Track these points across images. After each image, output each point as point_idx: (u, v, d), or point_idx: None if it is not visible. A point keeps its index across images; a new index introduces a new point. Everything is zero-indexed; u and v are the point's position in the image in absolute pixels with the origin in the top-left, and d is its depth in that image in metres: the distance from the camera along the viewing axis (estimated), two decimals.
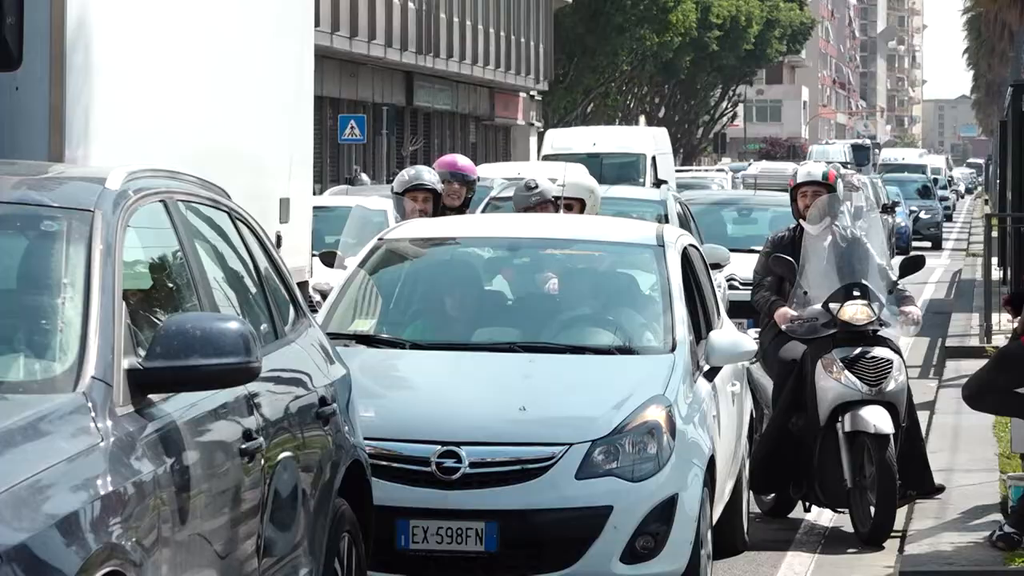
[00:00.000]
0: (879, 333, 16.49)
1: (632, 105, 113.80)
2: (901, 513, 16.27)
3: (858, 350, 16.21)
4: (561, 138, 57.56)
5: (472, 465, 12.16)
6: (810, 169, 18.85)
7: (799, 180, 18.10)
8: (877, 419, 15.73)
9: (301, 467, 9.26)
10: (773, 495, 17.21)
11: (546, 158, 50.74)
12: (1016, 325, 15.93)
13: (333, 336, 13.29)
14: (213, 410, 8.17)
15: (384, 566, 11.84)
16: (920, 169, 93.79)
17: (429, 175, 18.84)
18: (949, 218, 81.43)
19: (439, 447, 12.20)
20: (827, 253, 16.66)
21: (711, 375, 13.93)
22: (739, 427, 15.41)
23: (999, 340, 26.77)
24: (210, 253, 9.26)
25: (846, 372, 16.10)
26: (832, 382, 16.10)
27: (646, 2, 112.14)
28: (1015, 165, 34.06)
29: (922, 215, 70.65)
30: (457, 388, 13.31)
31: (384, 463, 12.00)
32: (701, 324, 14.45)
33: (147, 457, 7.27)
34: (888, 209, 55.48)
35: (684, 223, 26.68)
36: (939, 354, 30.03)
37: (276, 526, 8.78)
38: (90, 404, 7.10)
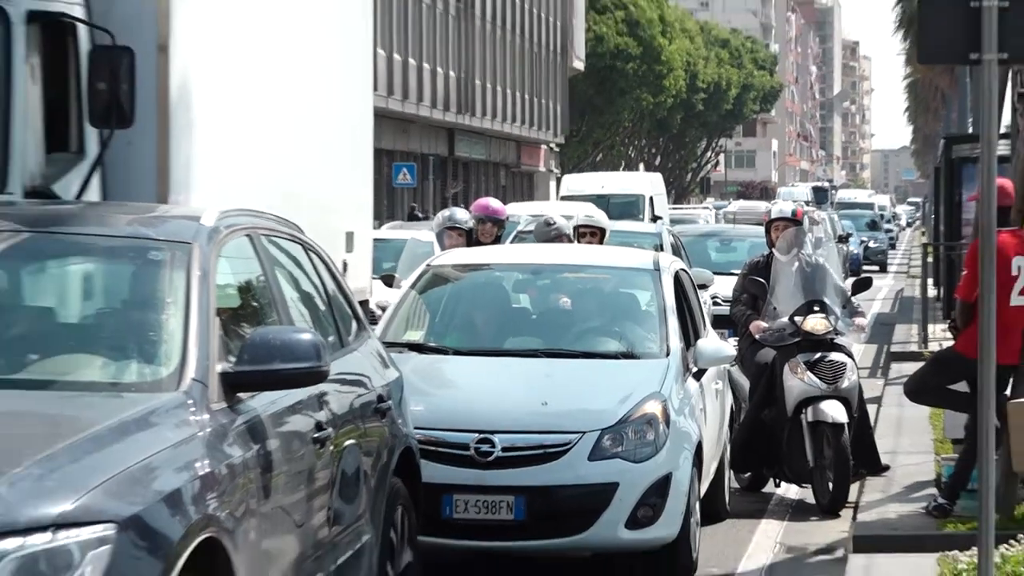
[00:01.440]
0: (835, 341, 16.55)
1: (633, 155, 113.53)
2: (854, 488, 16.25)
3: (818, 355, 16.28)
4: (575, 182, 57.37)
5: (504, 449, 12.35)
6: (782, 207, 18.98)
7: (773, 216, 18.21)
8: (834, 411, 15.95)
9: (363, 452, 9.42)
10: (749, 473, 17.29)
11: (563, 199, 50.55)
12: (951, 339, 16.09)
13: (389, 344, 13.58)
14: (290, 406, 8.36)
15: (432, 533, 11.90)
16: (869, 207, 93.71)
17: (461, 215, 19.04)
18: (893, 246, 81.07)
19: (477, 435, 12.39)
20: (794, 276, 16.77)
21: (699, 375, 14.14)
22: (722, 418, 15.61)
23: (934, 346, 26.72)
24: (287, 278, 9.49)
25: (808, 373, 16.17)
26: (797, 381, 16.20)
27: (644, 69, 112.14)
28: (946, 203, 34.26)
29: (871, 244, 70.74)
30: (491, 386, 13.47)
31: (432, 448, 12.16)
32: (690, 334, 14.55)
33: (237, 444, 7.54)
34: (843, 239, 55.47)
35: (676, 251, 26.72)
36: (885, 358, 29.92)
37: (343, 500, 8.95)
38: (190, 401, 7.41)
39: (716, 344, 14.95)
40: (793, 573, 14.26)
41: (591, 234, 19.77)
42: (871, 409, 18.22)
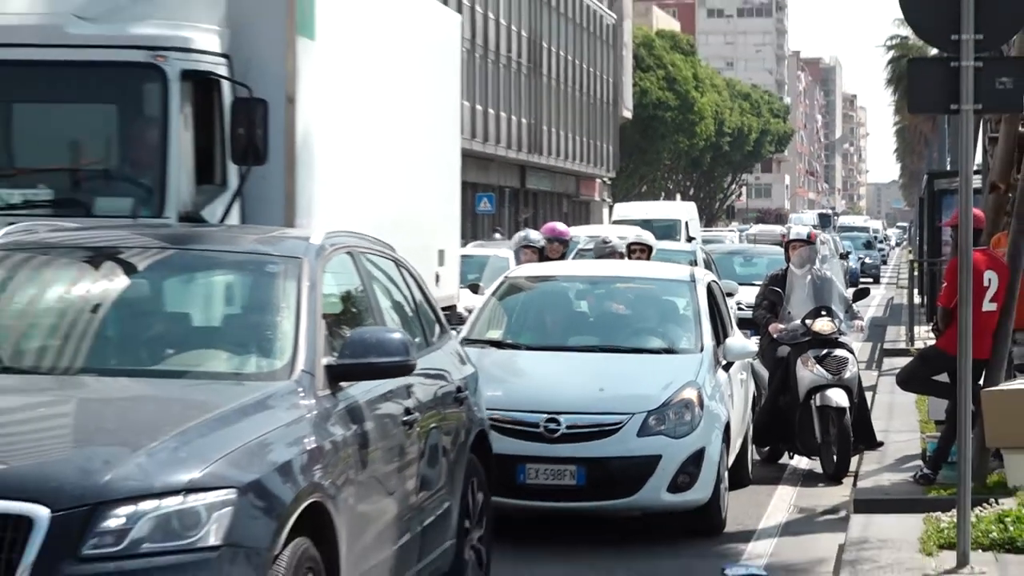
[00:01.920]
0: (839, 339, 16.60)
1: (671, 187, 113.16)
2: (854, 460, 16.19)
3: (825, 351, 16.31)
4: (624, 209, 57.14)
5: (567, 427, 12.60)
6: (798, 231, 19.13)
7: (791, 238, 18.43)
8: (838, 397, 16.05)
9: (444, 433, 9.56)
10: (768, 448, 17.30)
11: (615, 223, 50.28)
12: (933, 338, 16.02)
13: (474, 341, 14.28)
14: (384, 394, 8.51)
15: (508, 495, 12.28)
16: (865, 230, 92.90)
17: (535, 235, 19.28)
18: (885, 262, 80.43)
19: (545, 415, 12.66)
20: (807, 287, 16.84)
21: (727, 368, 14.32)
22: (746, 402, 15.68)
23: (919, 344, 26.52)
24: (381, 288, 9.70)
25: (817, 366, 16.21)
26: (807, 372, 16.22)
27: (680, 118, 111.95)
28: (928, 227, 34.39)
29: (866, 260, 70.32)
30: (556, 375, 13.71)
31: (509, 426, 12.52)
32: (720, 333, 14.67)
33: (338, 424, 7.77)
34: (844, 256, 55.27)
35: (707, 266, 26.66)
36: (878, 353, 29.70)
37: (428, 473, 9.12)
38: (300, 388, 7.66)
39: (741, 342, 14.97)
40: (805, 530, 14.13)
41: (640, 251, 20.14)
42: (868, 396, 18.11)
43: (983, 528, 11.45)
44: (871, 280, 65.82)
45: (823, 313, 16.50)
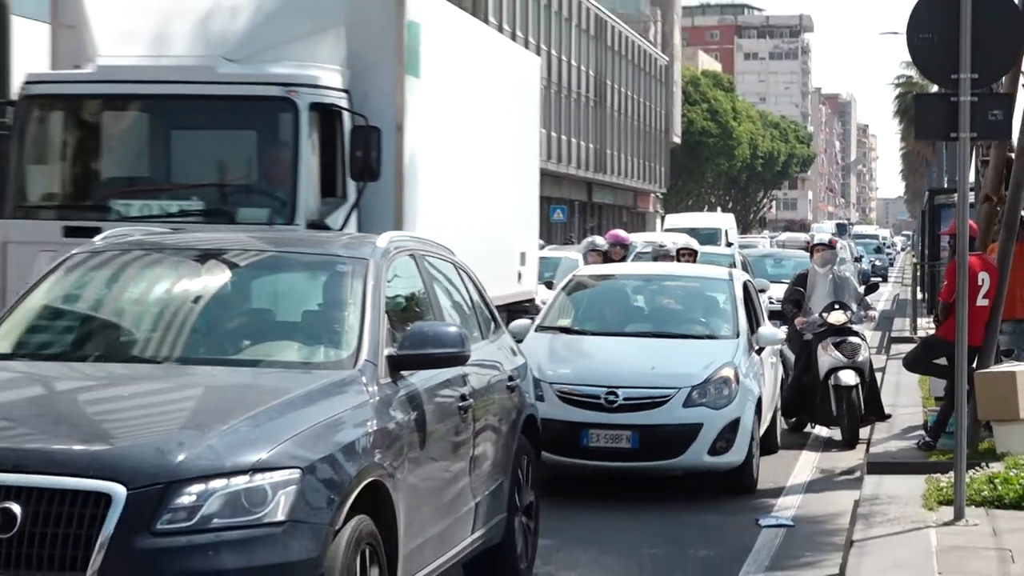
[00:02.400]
0: (852, 328, 16.60)
1: (713, 200, 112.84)
2: (867, 430, 16.15)
3: (841, 338, 16.32)
4: (675, 219, 56.80)
5: (624, 399, 12.76)
6: (821, 236, 19.46)
7: (815, 243, 18.40)
8: (847, 378, 16.05)
9: (496, 417, 9.25)
10: (794, 419, 17.30)
11: (666, 231, 50.14)
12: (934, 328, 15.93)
13: (546, 328, 14.61)
14: (441, 382, 8.18)
15: (574, 456, 12.73)
16: (875, 237, 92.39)
17: (600, 241, 19.38)
18: (892, 264, 79.88)
19: (606, 388, 12.82)
20: (827, 284, 16.88)
21: (759, 352, 14.44)
22: (775, 381, 15.71)
23: (921, 333, 26.36)
24: (441, 287, 9.34)
25: (834, 350, 16.21)
26: (827, 356, 16.19)
27: (721, 144, 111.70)
28: (929, 235, 34.32)
29: (876, 263, 69.87)
30: (615, 356, 13.82)
31: (576, 397, 12.84)
32: (754, 323, 14.79)
33: (399, 409, 7.45)
34: (857, 259, 55.23)
35: (744, 267, 26.66)
36: (887, 341, 29.56)
37: (483, 452, 8.82)
38: (363, 376, 7.33)
39: (771, 330, 15.11)
40: (825, 488, 14.09)
41: (688, 255, 20.39)
42: (878, 376, 18.02)
43: (976, 487, 11.38)
44: (880, 279, 65.40)
45: (836, 307, 16.44)
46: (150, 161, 14.44)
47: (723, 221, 52.63)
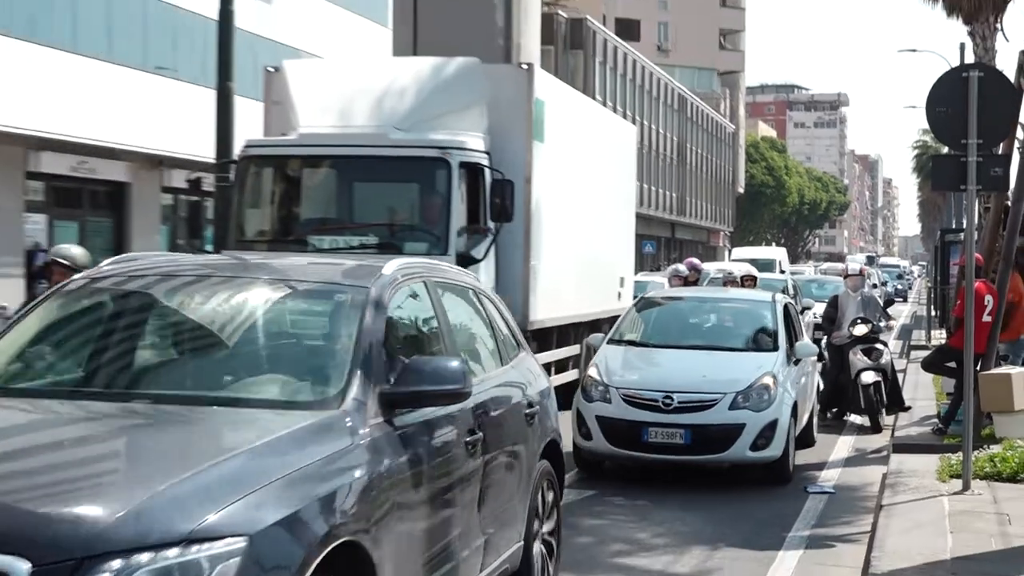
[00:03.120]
0: (877, 337, 16.54)
1: (769, 238, 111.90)
2: (891, 419, 16.03)
3: (867, 346, 16.18)
4: (739, 252, 56.36)
5: (679, 402, 12.11)
6: (853, 267, 18.87)
7: (848, 272, 18.23)
8: (871, 377, 15.90)
9: (512, 446, 7.20)
10: (835, 410, 17.01)
11: (732, 261, 49.78)
12: (945, 338, 15.80)
13: (617, 341, 13.87)
14: (444, 416, 6.14)
15: (637, 450, 12.17)
16: (897, 266, 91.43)
17: (682, 268, 19.06)
18: (910, 288, 78.71)
19: (663, 393, 12.18)
20: (858, 304, 16.88)
21: (797, 363, 13.61)
22: (812, 387, 14.88)
23: (935, 342, 26.04)
24: (455, 315, 7.18)
25: (861, 356, 16.04)
26: (856, 360, 16.01)
27: (775, 193, 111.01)
28: (940, 265, 33.47)
29: (898, 287, 69.36)
30: (673, 365, 13.10)
31: (638, 400, 12.16)
32: (793, 338, 14.06)
33: (390, 452, 5.48)
34: (884, 284, 54.65)
35: (794, 290, 26.41)
36: (907, 348, 29.13)
37: (494, 486, 6.75)
38: (349, 418, 5.36)
39: (808, 344, 14.38)
40: (859, 464, 13.90)
41: (750, 280, 19.89)
42: (900, 376, 17.85)
43: (979, 465, 11.29)
44: (901, 299, 64.93)
45: (859, 321, 16.33)
46: (337, 206, 14.59)
47: (777, 253, 52.15)
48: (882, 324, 16.97)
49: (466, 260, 13.49)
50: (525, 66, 15.32)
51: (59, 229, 31.17)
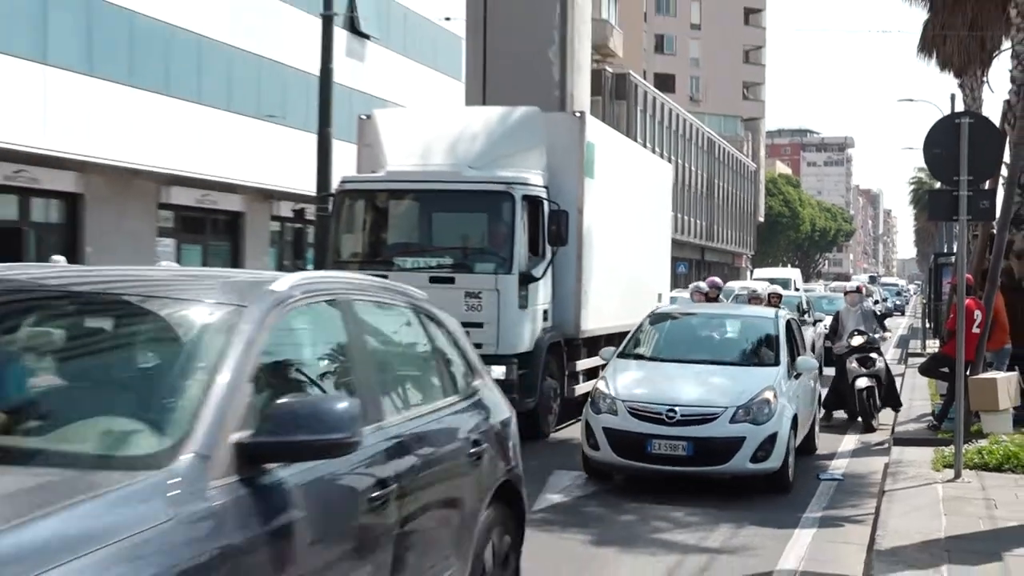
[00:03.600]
0: (873, 346, 15.88)
1: (786, 260, 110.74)
2: (891, 416, 15.70)
3: (862, 355, 15.59)
4: (759, 272, 55.70)
5: (682, 415, 10.77)
6: (851, 285, 18.85)
7: (847, 290, 17.99)
8: (864, 383, 15.39)
9: (445, 496, 5.01)
10: (837, 412, 16.38)
11: (754, 280, 49.45)
12: (938, 347, 15.61)
13: (627, 355, 12.46)
14: (336, 471, 4.04)
15: (641, 461, 10.86)
16: (896, 285, 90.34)
17: (703, 285, 18.20)
18: (907, 303, 77.54)
19: (667, 406, 10.87)
20: (855, 318, 16.33)
21: (798, 377, 12.15)
22: (813, 400, 13.41)
23: (929, 350, 25.67)
24: (380, 340, 5.18)
25: (856, 364, 15.50)
26: (852, 367, 15.52)
27: (791, 222, 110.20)
28: (934, 284, 32.78)
29: (896, 302, 68.47)
30: (677, 379, 11.62)
31: (643, 412, 10.90)
32: (795, 353, 12.67)
33: (242, 523, 3.42)
34: (884, 300, 53.91)
35: (807, 305, 26.13)
36: (905, 355, 28.70)
37: (414, 547, 4.58)
38: (180, 479, 3.28)
39: (808, 360, 12.87)
40: (864, 455, 13.66)
41: (776, 297, 18.23)
42: (898, 379, 17.55)
43: (969, 456, 11.08)
44: (899, 313, 64.15)
45: (856, 333, 15.73)
46: (419, 233, 14.66)
47: (792, 273, 51.57)
48: (878, 335, 16.27)
49: (527, 278, 13.55)
50: (578, 114, 15.24)
51: (185, 251, 31.57)
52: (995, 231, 13.80)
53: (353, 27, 35.31)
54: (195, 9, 29.04)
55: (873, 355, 15.69)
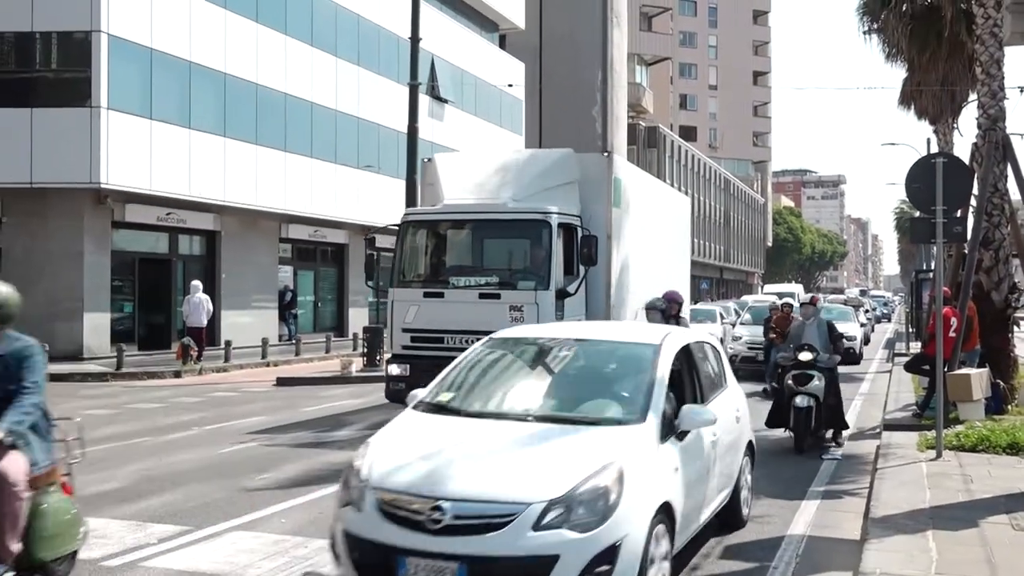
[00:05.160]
0: (816, 364, 12.20)
1: (791, 277, 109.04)
2: (879, 410, 15.25)
3: (799, 372, 12.20)
4: (768, 287, 54.68)
5: (453, 517, 5.19)
6: (804, 296, 14.09)
7: (802, 301, 13.74)
8: (802, 402, 11.78)
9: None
10: (777, 430, 12.51)
11: (764, 294, 48.78)
12: (920, 347, 15.24)
13: (425, 404, 6.64)
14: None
15: None
16: (883, 297, 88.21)
17: (658, 299, 13.54)
18: (893, 312, 75.95)
19: (432, 501, 5.29)
20: (809, 332, 12.62)
21: (682, 436, 6.25)
22: (725, 463, 7.35)
23: (913, 351, 25.08)
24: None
25: (792, 382, 12.17)
26: (789, 383, 12.19)
27: (794, 246, 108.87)
28: (914, 296, 32.06)
29: (883, 311, 67.16)
30: (461, 451, 5.76)
31: (397, 511, 5.39)
32: (691, 398, 6.95)
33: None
34: (873, 310, 52.82)
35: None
36: (892, 355, 28.05)
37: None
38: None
39: (700, 412, 6.43)
40: (860, 439, 13.24)
41: (786, 307, 16.99)
42: (884, 378, 17.00)
43: (948, 439, 10.82)
44: (887, 320, 62.85)
45: (805, 348, 12.30)
46: (470, 256, 14.10)
47: (796, 288, 50.62)
48: (826, 356, 12.41)
49: (563, 294, 13.00)
50: (606, 153, 14.69)
51: (300, 277, 31.97)
52: (967, 251, 13.54)
53: (434, 93, 35.67)
54: (307, 80, 29.49)
55: (812, 373, 12.22)
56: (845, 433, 12.94)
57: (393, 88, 32.14)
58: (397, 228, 13.89)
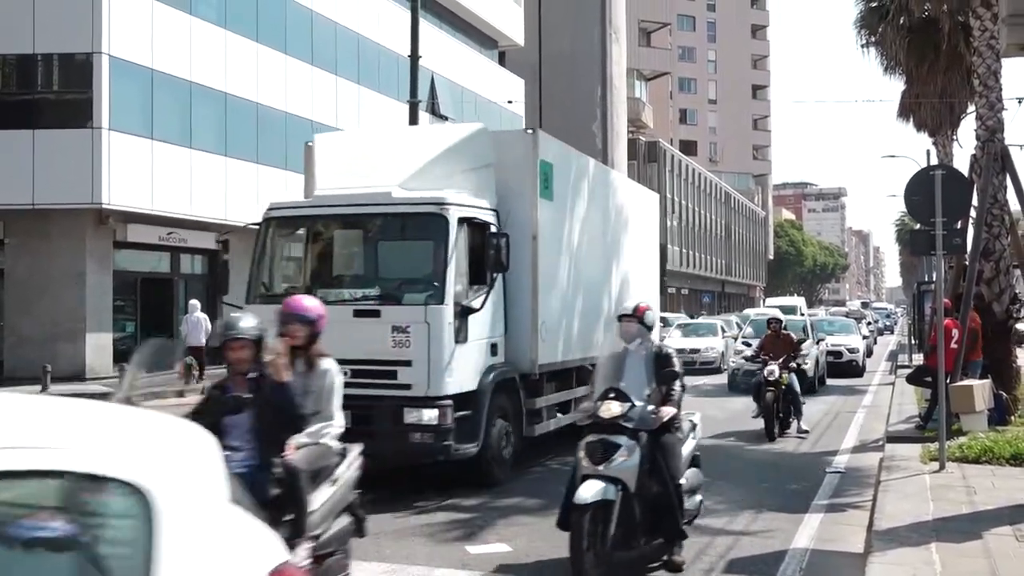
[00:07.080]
0: (629, 424, 6.83)
1: (792, 290, 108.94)
2: (883, 418, 15.25)
3: (597, 439, 6.80)
4: (771, 300, 54.42)
5: None
6: (625, 308, 7.58)
7: (618, 313, 7.66)
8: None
9: None
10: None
11: (766, 307, 48.75)
12: (922, 360, 15.28)
13: None
14: None
15: None
16: (885, 309, 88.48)
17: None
18: (896, 323, 76.03)
19: None
20: (631, 361, 7.31)
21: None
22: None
23: (915, 362, 25.09)
24: None
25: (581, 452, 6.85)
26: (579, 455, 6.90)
27: (796, 259, 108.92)
28: (917, 308, 31.81)
29: (886, 323, 67.24)
30: None
31: None
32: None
33: None
34: (876, 322, 52.62)
35: (811, 327, 25.24)
36: (894, 367, 28.10)
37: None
38: None
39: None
40: (863, 451, 13.20)
41: (772, 324, 15.68)
42: (887, 391, 17.00)
43: (951, 451, 10.82)
44: (890, 332, 62.81)
45: (611, 395, 6.97)
46: (345, 261, 11.39)
47: (798, 301, 50.47)
48: (648, 408, 7.16)
49: (465, 311, 10.06)
50: (530, 131, 11.48)
51: None
52: (967, 262, 13.58)
53: (434, 111, 35.75)
54: (308, 99, 29.59)
55: (619, 441, 6.81)
56: (837, 459, 12.22)
57: (393, 106, 32.22)
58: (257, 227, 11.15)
